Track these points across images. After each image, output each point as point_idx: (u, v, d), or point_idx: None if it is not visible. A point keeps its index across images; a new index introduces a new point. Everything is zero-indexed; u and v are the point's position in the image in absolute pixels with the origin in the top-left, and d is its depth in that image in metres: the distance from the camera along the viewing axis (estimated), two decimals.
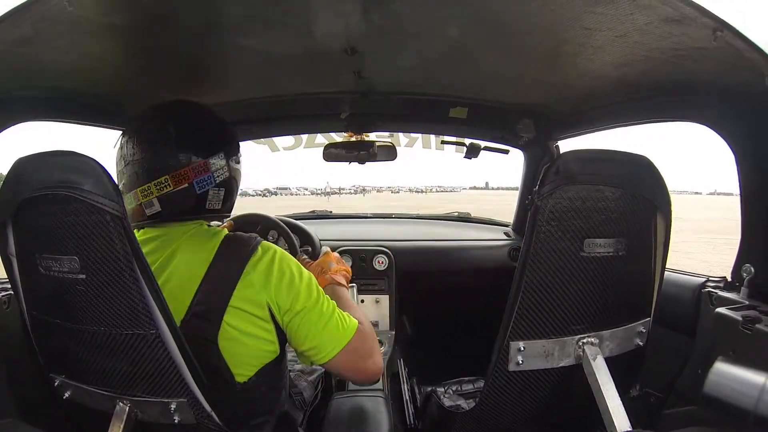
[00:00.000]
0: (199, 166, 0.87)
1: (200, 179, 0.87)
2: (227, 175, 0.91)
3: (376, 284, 1.86)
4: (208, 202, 0.89)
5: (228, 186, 0.92)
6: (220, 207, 0.93)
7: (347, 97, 1.56)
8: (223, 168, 0.90)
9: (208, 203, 0.89)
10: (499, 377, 0.88)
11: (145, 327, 0.70)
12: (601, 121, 1.48)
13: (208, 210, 0.90)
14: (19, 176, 0.72)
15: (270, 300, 0.83)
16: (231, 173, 0.92)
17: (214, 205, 0.91)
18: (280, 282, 0.84)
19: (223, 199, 0.92)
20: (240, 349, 0.83)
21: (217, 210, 0.92)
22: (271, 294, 0.83)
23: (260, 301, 0.83)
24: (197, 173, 0.87)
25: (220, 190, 0.91)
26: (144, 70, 1.16)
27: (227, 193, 0.93)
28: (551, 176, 0.80)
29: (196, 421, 0.76)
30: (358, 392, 1.17)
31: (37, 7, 0.72)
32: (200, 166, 0.87)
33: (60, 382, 0.81)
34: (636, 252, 0.87)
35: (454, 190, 61.53)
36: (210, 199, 0.90)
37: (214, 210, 0.92)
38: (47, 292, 0.75)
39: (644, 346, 0.94)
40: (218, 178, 0.89)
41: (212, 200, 0.90)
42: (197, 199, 0.87)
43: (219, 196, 0.91)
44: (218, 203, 0.92)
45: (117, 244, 0.68)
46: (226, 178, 0.91)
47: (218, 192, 0.90)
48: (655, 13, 0.76)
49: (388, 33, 1.02)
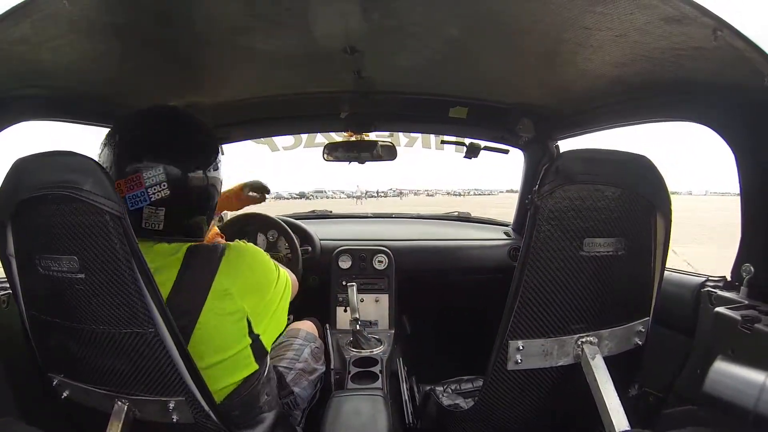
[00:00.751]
0: (132, 180, 0.79)
1: (132, 195, 0.79)
2: (166, 194, 0.81)
3: (375, 284, 1.86)
4: (144, 221, 0.81)
5: (173, 205, 0.82)
6: (162, 228, 0.82)
7: (347, 96, 1.56)
8: (161, 184, 0.80)
9: (144, 222, 0.81)
10: (498, 376, 0.88)
11: (144, 326, 0.70)
12: (600, 121, 1.48)
13: (146, 230, 0.81)
14: (18, 176, 0.72)
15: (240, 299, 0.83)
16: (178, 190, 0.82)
17: (152, 225, 0.81)
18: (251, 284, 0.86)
19: (164, 219, 0.82)
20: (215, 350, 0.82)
21: (160, 232, 0.83)
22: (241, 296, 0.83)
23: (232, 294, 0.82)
24: (130, 188, 0.79)
25: (158, 210, 0.81)
26: (143, 70, 1.16)
27: (169, 214, 0.82)
28: (551, 176, 0.80)
29: (194, 420, 0.76)
30: (357, 391, 1.17)
31: (37, 7, 0.72)
32: (132, 180, 0.79)
33: (58, 381, 0.81)
34: (635, 251, 0.87)
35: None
36: (146, 218, 0.81)
37: (155, 231, 0.82)
38: (46, 292, 0.75)
39: (643, 346, 0.94)
40: (153, 195, 0.80)
41: (149, 220, 0.81)
42: (133, 217, 0.78)
43: (157, 216, 0.81)
44: (157, 224, 0.82)
45: (116, 243, 0.68)
46: (164, 196, 0.81)
47: (156, 212, 0.81)
48: (655, 13, 0.76)
49: (388, 32, 1.02)
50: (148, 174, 0.80)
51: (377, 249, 1.89)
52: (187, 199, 0.85)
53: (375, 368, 1.37)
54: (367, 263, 1.87)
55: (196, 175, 0.85)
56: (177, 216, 0.84)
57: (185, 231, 0.87)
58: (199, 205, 0.88)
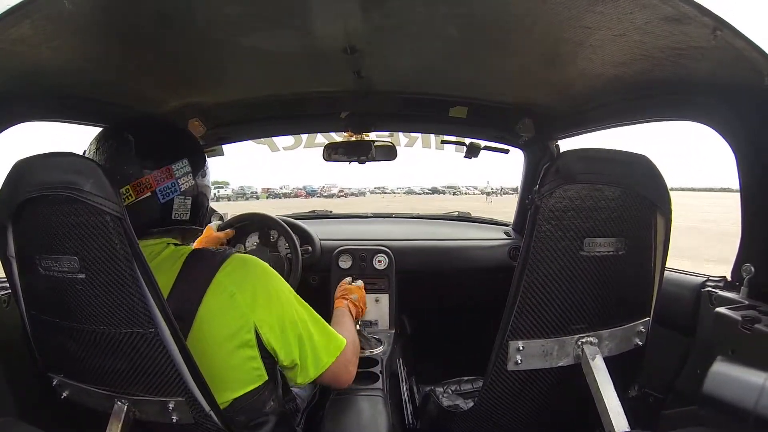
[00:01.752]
0: (161, 174, 0.83)
1: (163, 187, 0.83)
2: (193, 183, 0.87)
3: (375, 284, 1.86)
4: (174, 212, 0.85)
5: (195, 196, 0.88)
6: (188, 218, 0.88)
7: (347, 96, 1.55)
8: (188, 175, 0.86)
9: (174, 213, 0.85)
10: (498, 377, 0.88)
11: (144, 326, 0.70)
12: (600, 121, 1.48)
13: (175, 221, 0.86)
14: (19, 177, 0.73)
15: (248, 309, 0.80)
16: (197, 185, 0.89)
17: (181, 216, 0.86)
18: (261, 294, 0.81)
19: (191, 209, 0.88)
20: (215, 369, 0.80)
21: (185, 221, 0.88)
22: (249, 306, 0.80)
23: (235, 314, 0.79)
24: (159, 181, 0.83)
25: (186, 199, 0.86)
26: (144, 70, 1.16)
27: (195, 204, 0.88)
28: (551, 175, 0.80)
29: (194, 420, 0.76)
30: (357, 392, 1.17)
31: (37, 7, 0.72)
32: (162, 174, 0.83)
33: (58, 381, 0.82)
34: (636, 251, 0.87)
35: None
36: (176, 209, 0.85)
37: (181, 221, 0.87)
38: (47, 292, 0.75)
39: (643, 346, 0.94)
40: (183, 185, 0.85)
41: (178, 210, 0.85)
42: (162, 210, 0.83)
43: (186, 205, 0.86)
44: (185, 213, 0.87)
45: (117, 244, 0.68)
46: (191, 186, 0.87)
47: (184, 201, 0.86)
48: (655, 12, 0.76)
49: (388, 32, 1.02)
50: (176, 166, 0.85)
51: (377, 249, 1.89)
52: (203, 195, 0.91)
53: (375, 369, 1.37)
54: (367, 263, 1.87)
55: (201, 173, 0.91)
56: (198, 206, 0.90)
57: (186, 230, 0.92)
58: (206, 200, 0.93)
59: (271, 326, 0.82)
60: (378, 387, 1.24)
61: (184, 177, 0.86)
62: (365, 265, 1.87)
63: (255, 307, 0.81)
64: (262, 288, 0.83)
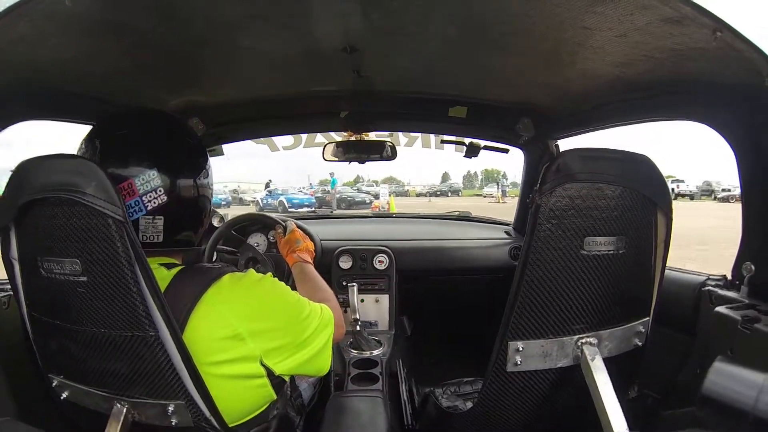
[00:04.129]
0: (122, 189, 0.72)
1: (126, 204, 0.72)
2: (163, 200, 0.75)
3: (376, 284, 1.86)
4: (141, 234, 0.74)
5: (169, 213, 0.76)
6: (162, 240, 0.76)
7: (346, 96, 1.55)
8: (156, 190, 0.74)
9: (141, 235, 0.74)
10: (498, 378, 0.88)
11: (145, 329, 0.70)
12: (600, 121, 1.48)
13: (145, 244, 0.74)
14: (21, 179, 0.72)
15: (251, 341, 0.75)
16: (173, 196, 0.76)
17: (151, 238, 0.75)
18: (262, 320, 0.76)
19: (164, 230, 0.76)
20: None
21: (160, 244, 0.76)
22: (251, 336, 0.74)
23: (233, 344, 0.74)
24: (122, 196, 0.70)
25: (155, 219, 0.75)
26: (144, 69, 1.16)
27: (170, 223, 0.77)
28: (551, 174, 0.80)
29: (193, 423, 0.76)
30: (356, 392, 1.17)
31: (36, 5, 0.71)
32: (124, 188, 0.72)
33: (58, 383, 0.81)
34: (636, 250, 0.87)
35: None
36: (143, 230, 0.74)
37: (154, 244, 0.76)
38: (48, 294, 0.75)
39: (643, 346, 0.93)
40: (149, 203, 0.74)
41: (146, 231, 0.75)
42: None
43: (156, 226, 0.75)
44: (156, 235, 0.75)
45: (119, 247, 0.67)
46: (161, 203, 0.75)
47: (153, 221, 0.75)
48: (655, 13, 0.76)
49: (388, 32, 1.02)
50: (141, 180, 0.74)
51: (378, 249, 1.89)
52: (183, 207, 0.79)
53: (375, 370, 1.37)
54: (368, 263, 1.87)
55: (187, 182, 0.79)
56: (176, 226, 0.79)
57: (181, 244, 0.81)
58: (193, 215, 0.82)
59: (281, 354, 0.79)
60: (377, 388, 1.24)
61: (149, 194, 0.74)
62: (365, 265, 1.87)
63: (258, 338, 0.76)
64: (263, 312, 0.77)
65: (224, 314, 0.74)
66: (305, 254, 1.23)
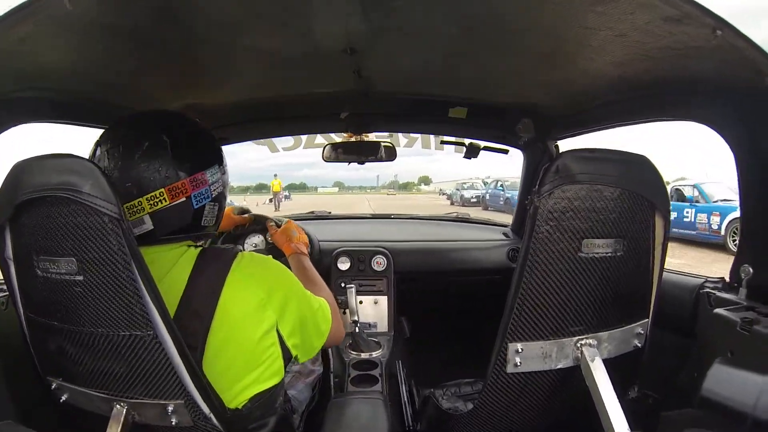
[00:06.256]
0: (197, 179, 0.82)
1: (198, 193, 0.82)
2: (221, 190, 0.88)
3: (374, 285, 1.86)
4: (203, 219, 0.85)
5: (221, 201, 0.89)
6: (213, 224, 0.88)
7: (347, 96, 1.55)
8: (218, 182, 0.86)
9: (203, 219, 0.85)
10: (498, 379, 0.88)
11: (143, 328, 0.70)
12: (600, 121, 1.47)
13: (202, 227, 0.86)
14: (17, 178, 0.72)
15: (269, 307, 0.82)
16: (223, 188, 0.89)
17: (208, 222, 0.87)
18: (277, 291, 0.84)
19: (216, 215, 0.89)
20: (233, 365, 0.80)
21: (209, 227, 0.88)
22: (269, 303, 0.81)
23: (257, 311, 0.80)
24: (195, 186, 0.82)
25: (214, 206, 0.87)
26: (144, 70, 1.16)
27: (220, 209, 0.89)
28: (550, 176, 0.80)
29: (193, 423, 0.76)
30: (357, 394, 1.17)
31: (37, 7, 0.71)
32: (198, 179, 0.82)
33: (57, 385, 0.81)
34: (634, 252, 0.87)
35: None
36: (206, 215, 0.85)
37: (207, 227, 0.87)
38: (44, 294, 0.75)
39: (642, 348, 0.93)
40: (214, 192, 0.86)
41: (207, 216, 0.86)
42: (193, 216, 0.83)
43: (213, 211, 0.87)
44: (212, 219, 0.88)
45: (114, 246, 0.67)
46: (220, 192, 0.87)
47: (213, 207, 0.86)
48: (656, 12, 0.75)
49: (388, 33, 1.02)
50: (210, 172, 0.85)
51: (376, 250, 1.89)
52: (224, 196, 0.91)
53: (374, 371, 1.37)
54: (366, 264, 1.87)
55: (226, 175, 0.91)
56: (220, 211, 0.90)
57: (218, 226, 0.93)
58: (223, 204, 0.92)
59: (292, 325, 0.86)
60: (377, 390, 1.24)
61: (215, 183, 0.86)
62: (364, 266, 1.87)
63: (274, 306, 0.83)
64: (277, 284, 0.85)
65: (250, 283, 0.81)
66: (302, 246, 1.26)
